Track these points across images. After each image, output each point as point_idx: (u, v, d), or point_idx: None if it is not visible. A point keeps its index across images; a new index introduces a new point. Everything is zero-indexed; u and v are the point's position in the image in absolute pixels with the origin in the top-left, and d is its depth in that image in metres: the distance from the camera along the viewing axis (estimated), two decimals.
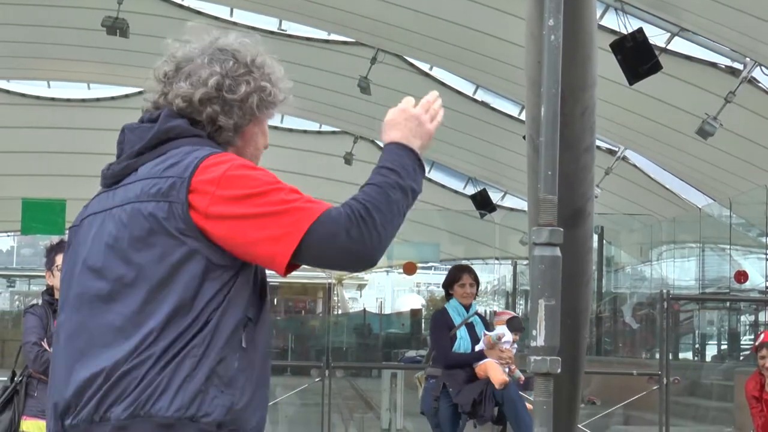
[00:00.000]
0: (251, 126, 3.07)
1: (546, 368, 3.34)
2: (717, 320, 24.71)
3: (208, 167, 2.83)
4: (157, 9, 19.05)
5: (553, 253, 3.36)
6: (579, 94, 4.05)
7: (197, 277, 2.80)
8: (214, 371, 2.77)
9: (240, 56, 3.06)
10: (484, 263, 29.81)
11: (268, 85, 3.06)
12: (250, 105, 3.03)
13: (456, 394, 9.22)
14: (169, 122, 2.99)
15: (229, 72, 3.03)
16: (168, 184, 2.84)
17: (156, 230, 2.82)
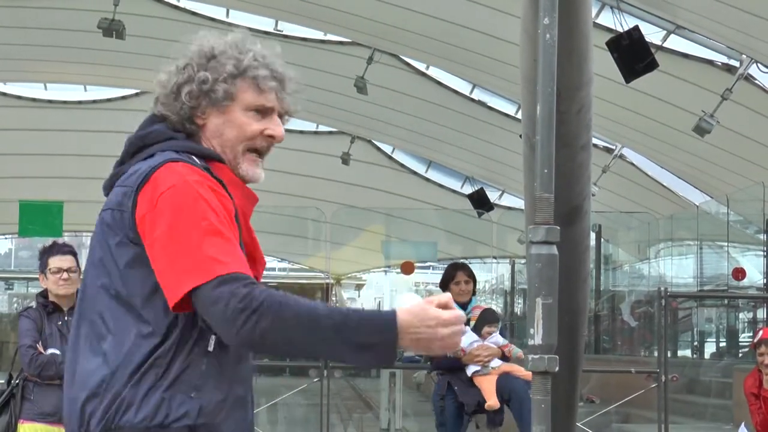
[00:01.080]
0: (211, 117, 3.02)
1: (544, 366, 3.34)
2: (715, 317, 24.73)
3: (155, 181, 2.82)
4: (153, 11, 19.05)
5: (550, 252, 3.36)
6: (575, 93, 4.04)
7: (149, 285, 2.80)
8: (179, 378, 2.78)
9: (194, 51, 3.08)
10: (482, 262, 29.80)
11: (203, 74, 3.00)
12: (183, 96, 3.01)
13: (462, 393, 9.23)
14: (147, 128, 3.04)
15: (177, 67, 3.07)
16: (122, 193, 2.88)
17: (110, 238, 2.85)
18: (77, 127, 25.45)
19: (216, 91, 3.00)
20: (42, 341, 6.85)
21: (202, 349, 2.82)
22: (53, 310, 6.94)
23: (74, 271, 6.95)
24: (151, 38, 19.58)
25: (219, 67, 3.02)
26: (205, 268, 2.69)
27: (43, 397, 6.84)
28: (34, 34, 20.03)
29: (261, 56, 3.13)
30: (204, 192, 2.80)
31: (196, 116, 3.01)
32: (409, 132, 23.57)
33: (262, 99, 3.08)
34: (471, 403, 9.19)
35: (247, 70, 3.05)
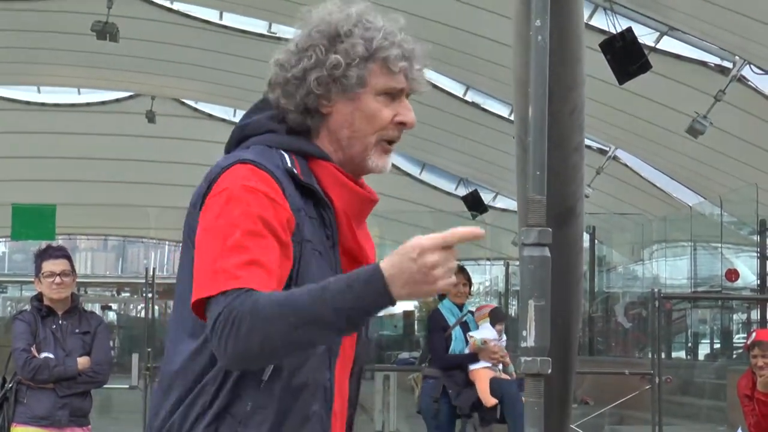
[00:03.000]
0: (338, 106, 2.71)
1: (536, 369, 3.33)
2: (709, 319, 24.75)
3: (219, 181, 2.59)
4: (146, 13, 19.04)
5: (542, 254, 3.35)
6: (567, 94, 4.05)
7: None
8: (227, 410, 2.56)
9: (320, 25, 2.74)
10: (476, 264, 29.81)
11: (335, 58, 2.68)
12: (309, 83, 2.68)
13: (456, 396, 9.23)
14: (249, 118, 2.78)
15: (297, 47, 2.73)
16: (197, 191, 2.65)
17: (185, 241, 2.66)
18: (71, 130, 25.44)
19: (349, 77, 2.68)
20: (36, 345, 6.83)
21: (254, 379, 2.58)
22: (47, 314, 6.93)
23: (68, 275, 6.93)
24: (144, 41, 19.59)
25: (350, 50, 2.68)
26: (215, 281, 2.46)
27: (37, 401, 6.82)
28: (27, 37, 20.03)
29: (390, 33, 2.76)
30: (252, 199, 2.54)
31: (323, 105, 2.71)
32: (403, 134, 23.52)
33: (393, 81, 2.75)
34: (465, 405, 9.20)
35: (378, 50, 2.71)
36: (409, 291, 2.41)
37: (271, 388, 2.59)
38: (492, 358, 9.24)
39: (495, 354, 9.26)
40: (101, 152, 25.68)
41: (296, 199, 2.63)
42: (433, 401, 9.26)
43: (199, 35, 19.55)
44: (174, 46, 19.75)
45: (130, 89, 24.53)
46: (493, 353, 9.25)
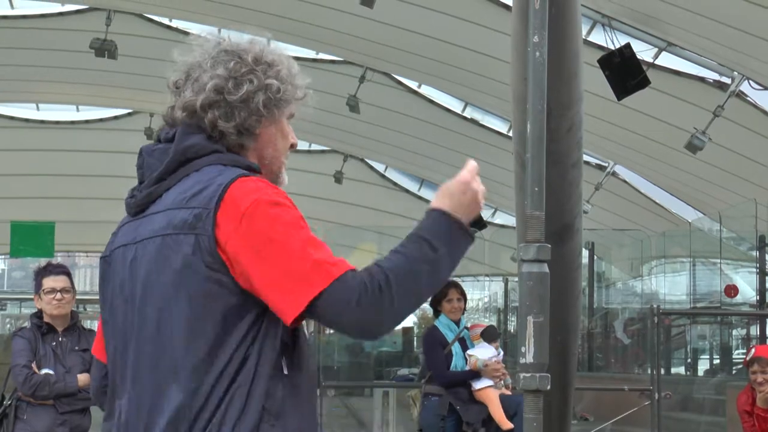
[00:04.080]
0: (266, 127, 2.94)
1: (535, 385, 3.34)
2: (708, 334, 24.72)
3: (233, 198, 2.68)
4: (144, 30, 19.08)
5: (541, 270, 3.36)
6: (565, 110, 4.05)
7: (228, 311, 2.68)
8: (264, 407, 2.67)
9: (245, 55, 2.96)
10: (475, 280, 29.79)
11: (275, 82, 2.93)
12: (255, 104, 2.89)
13: (465, 412, 9.20)
14: (186, 141, 2.86)
15: (232, 72, 2.90)
16: (193, 215, 2.70)
17: (183, 264, 2.69)
18: (69, 147, 25.45)
19: (285, 100, 2.97)
20: (36, 361, 6.84)
21: (278, 373, 2.72)
22: (48, 331, 6.94)
23: (68, 291, 6.94)
24: (142, 58, 19.61)
25: (284, 76, 2.99)
26: (322, 273, 2.62)
27: (36, 417, 6.83)
28: (26, 55, 20.05)
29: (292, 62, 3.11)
30: (284, 200, 2.74)
31: (258, 126, 2.93)
32: (402, 150, 23.61)
33: (296, 107, 3.06)
34: (476, 420, 9.17)
35: (295, 78, 3.05)
36: (469, 213, 2.96)
37: (293, 379, 2.75)
38: (495, 377, 9.23)
39: (497, 371, 9.25)
40: (100, 169, 25.69)
41: None
42: (440, 419, 9.23)
43: None
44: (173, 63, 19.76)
45: (129, 106, 24.57)
46: (495, 370, 9.24)
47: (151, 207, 2.84)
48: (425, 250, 2.75)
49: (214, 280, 2.67)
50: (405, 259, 2.71)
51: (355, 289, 2.62)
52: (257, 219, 2.66)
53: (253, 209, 2.66)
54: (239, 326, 2.68)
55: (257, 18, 17.70)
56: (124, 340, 2.83)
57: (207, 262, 2.67)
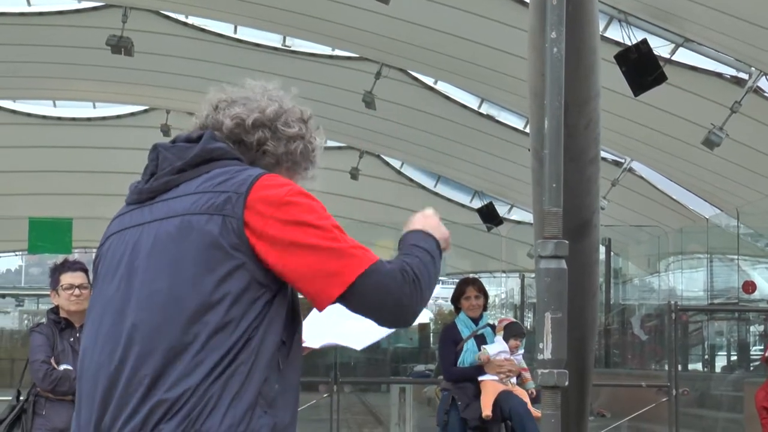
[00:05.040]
0: (287, 171, 3.13)
1: (553, 381, 3.33)
2: (726, 331, 24.66)
3: (266, 186, 2.85)
4: (161, 27, 19.11)
5: (559, 266, 3.36)
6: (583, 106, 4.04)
7: (242, 293, 2.78)
8: (260, 391, 2.77)
9: (300, 108, 3.20)
10: (491, 276, 29.77)
11: (317, 143, 3.22)
12: (295, 147, 3.13)
13: (464, 408, 9.22)
14: (212, 143, 3.00)
15: (287, 112, 3.13)
16: (222, 198, 2.83)
17: (207, 243, 2.80)
18: (86, 143, 25.52)
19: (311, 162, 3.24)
20: (54, 357, 6.87)
21: (275, 365, 2.83)
22: (65, 327, 6.97)
23: (86, 287, 6.97)
24: (159, 54, 19.66)
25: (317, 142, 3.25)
26: (359, 257, 2.83)
27: (55, 413, 6.85)
28: (43, 52, 20.10)
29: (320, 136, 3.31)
30: (312, 196, 2.94)
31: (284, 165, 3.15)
32: (418, 147, 23.60)
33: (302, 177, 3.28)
34: (473, 417, 9.19)
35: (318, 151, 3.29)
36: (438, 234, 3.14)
37: (286, 376, 2.86)
38: (498, 372, 9.22)
39: (501, 368, 9.23)
40: (117, 166, 25.70)
41: None
42: (444, 413, 9.28)
43: (213, 49, 19.60)
44: (189, 59, 19.81)
45: (145, 103, 24.61)
46: (499, 366, 9.22)
47: (165, 194, 2.95)
48: (422, 252, 3.02)
49: (236, 260, 2.79)
50: (417, 260, 2.98)
51: (397, 277, 2.86)
52: (295, 205, 2.84)
53: (290, 197, 2.85)
54: (250, 309, 2.79)
55: (273, 14, 17.72)
56: (121, 313, 2.87)
57: (233, 244, 2.80)
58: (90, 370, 2.95)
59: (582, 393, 4.98)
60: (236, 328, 2.77)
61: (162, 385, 2.75)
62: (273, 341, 2.81)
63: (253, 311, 2.79)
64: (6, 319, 42.02)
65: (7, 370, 26.02)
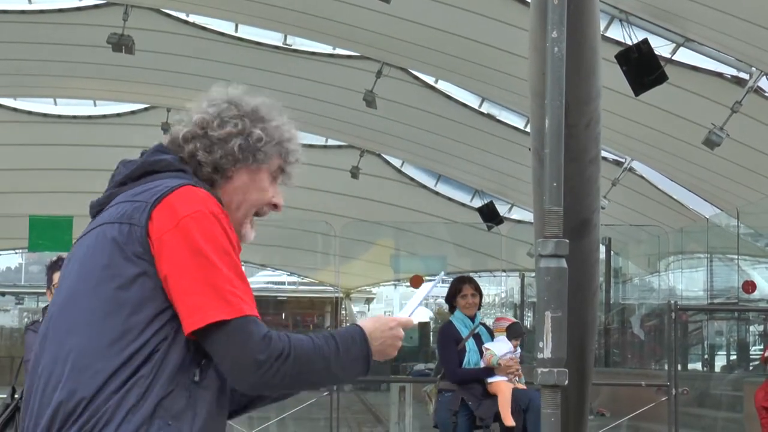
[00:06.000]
0: (241, 173, 3.06)
1: (553, 380, 3.34)
2: (726, 330, 24.68)
3: (175, 201, 2.83)
4: (162, 25, 19.10)
5: (559, 265, 3.36)
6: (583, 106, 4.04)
7: (144, 301, 2.77)
8: (161, 404, 2.74)
9: (240, 103, 3.11)
10: (491, 275, 29.78)
11: (259, 133, 3.06)
12: (231, 147, 3.03)
13: (477, 407, 9.20)
14: (156, 156, 3.03)
15: (221, 113, 3.06)
16: (133, 207, 2.86)
17: (112, 250, 2.82)
18: (87, 141, 25.50)
19: (264, 153, 3.09)
20: None
21: (187, 378, 2.80)
22: None
23: None
24: (160, 53, 19.65)
25: (270, 131, 3.09)
26: (233, 305, 2.74)
27: None
28: (43, 50, 20.10)
29: (292, 127, 3.21)
30: (225, 225, 2.85)
31: (231, 169, 3.06)
32: (419, 146, 23.59)
33: (285, 167, 3.19)
34: (488, 415, 9.18)
35: (286, 141, 3.16)
36: (379, 352, 3.02)
37: (202, 389, 2.83)
38: (509, 373, 9.23)
39: (511, 368, 9.25)
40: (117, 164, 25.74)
41: None
42: (452, 414, 9.23)
43: (214, 47, 19.60)
44: (190, 58, 19.80)
45: (146, 101, 24.59)
46: (509, 367, 9.24)
47: (106, 207, 3.00)
48: (330, 350, 2.88)
49: (139, 268, 2.79)
50: (311, 347, 2.84)
51: (259, 337, 2.75)
52: (194, 229, 2.79)
53: (193, 217, 2.80)
54: (154, 319, 2.77)
55: (274, 13, 17.72)
56: (50, 318, 2.96)
57: (136, 252, 2.80)
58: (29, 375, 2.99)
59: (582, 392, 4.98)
60: (136, 337, 2.76)
61: (63, 393, 2.77)
62: (181, 353, 2.79)
63: (158, 321, 2.77)
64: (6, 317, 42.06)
65: (6, 368, 26.07)
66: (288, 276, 40.34)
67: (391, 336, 3.05)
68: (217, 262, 2.76)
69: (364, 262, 29.68)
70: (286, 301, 42.35)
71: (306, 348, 2.82)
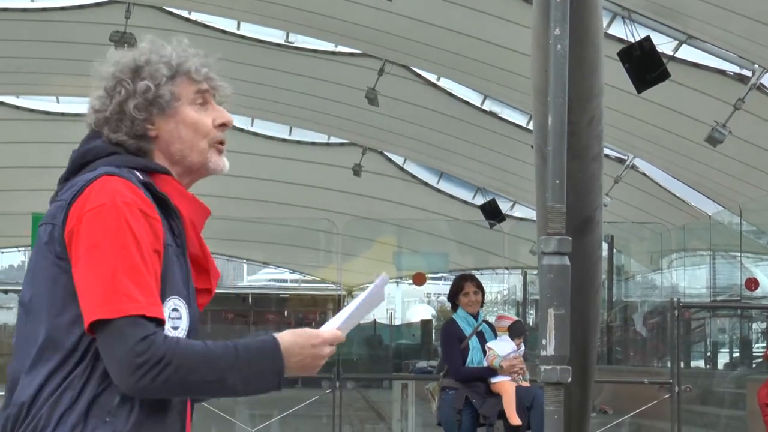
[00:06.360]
0: (161, 126, 2.95)
1: (556, 377, 3.33)
2: (728, 328, 24.67)
3: (88, 194, 2.76)
4: (164, 23, 19.10)
5: (562, 262, 3.36)
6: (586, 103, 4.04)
7: (69, 302, 2.72)
8: (96, 401, 2.70)
9: (117, 68, 2.97)
10: (493, 273, 29.78)
11: (142, 84, 2.92)
12: (129, 111, 2.90)
13: (481, 405, 9.20)
14: (87, 144, 2.96)
15: (106, 89, 2.96)
16: (57, 206, 2.82)
17: (44, 254, 2.79)
18: None
19: (162, 96, 2.94)
20: None
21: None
22: None
23: None
24: None
25: (154, 73, 2.94)
26: (115, 303, 2.65)
27: None
28: (46, 48, 20.11)
29: (183, 50, 3.05)
30: (132, 217, 2.73)
31: (148, 129, 2.94)
32: (421, 143, 23.58)
33: (201, 86, 3.02)
34: (492, 413, 9.18)
35: (179, 66, 2.99)
36: (298, 368, 2.83)
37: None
38: (512, 372, 9.23)
39: (515, 368, 9.24)
40: None
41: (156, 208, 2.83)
42: (456, 412, 9.23)
43: (216, 45, 19.52)
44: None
45: None
46: (512, 366, 9.23)
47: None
48: (226, 362, 2.73)
49: (61, 269, 2.75)
50: (202, 356, 2.71)
51: (138, 340, 2.64)
52: (93, 223, 2.72)
53: (94, 212, 2.73)
54: (80, 318, 2.71)
55: (276, 11, 17.72)
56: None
57: (57, 252, 2.75)
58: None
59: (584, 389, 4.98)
60: (65, 338, 2.73)
61: (13, 399, 2.77)
62: None
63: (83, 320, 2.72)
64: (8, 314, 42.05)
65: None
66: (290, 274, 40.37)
67: (312, 354, 2.84)
68: (109, 258, 2.68)
69: (367, 259, 29.66)
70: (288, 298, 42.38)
71: (194, 356, 2.68)
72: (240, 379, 2.75)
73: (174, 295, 2.82)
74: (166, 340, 2.67)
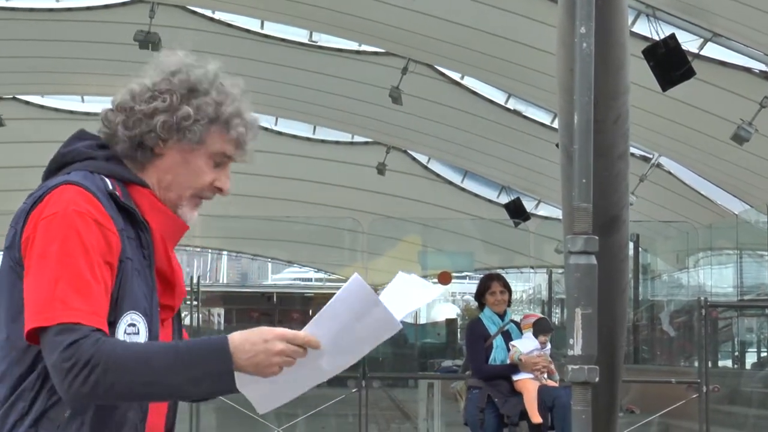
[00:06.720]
0: (172, 151, 2.89)
1: (584, 377, 3.31)
2: (756, 327, 24.54)
3: (47, 202, 2.72)
4: (188, 23, 19.15)
5: (589, 261, 3.33)
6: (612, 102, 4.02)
7: (23, 310, 2.67)
8: (45, 415, 2.67)
9: (178, 75, 2.93)
10: (519, 272, 29.72)
11: (187, 110, 2.86)
12: (155, 123, 2.85)
13: (503, 405, 9.19)
14: (69, 146, 2.95)
15: (155, 85, 2.92)
16: (20, 209, 2.78)
17: (5, 257, 2.76)
18: None
19: (193, 132, 2.88)
20: None
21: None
22: None
23: None
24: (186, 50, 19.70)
25: (202, 107, 2.89)
26: (50, 311, 2.59)
27: None
28: (70, 47, 20.20)
29: (239, 103, 2.96)
30: (83, 226, 2.68)
31: (158, 146, 2.88)
32: (445, 142, 23.57)
33: (227, 149, 2.95)
34: (514, 413, 9.16)
35: (224, 116, 2.92)
36: (251, 366, 2.64)
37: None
38: (534, 369, 9.20)
39: (536, 365, 9.21)
40: None
41: (118, 220, 2.76)
42: (479, 411, 9.22)
43: (240, 44, 19.63)
44: (215, 55, 19.57)
45: None
46: (534, 364, 9.20)
47: None
48: (164, 363, 2.62)
49: (17, 275, 2.71)
50: (135, 358, 2.61)
51: (66, 344, 2.56)
52: (43, 232, 2.68)
53: (47, 220, 2.69)
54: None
55: (299, 9, 17.74)
56: None
57: (15, 258, 2.72)
58: None
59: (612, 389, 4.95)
60: (15, 347, 2.70)
61: None
62: None
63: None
64: None
65: None
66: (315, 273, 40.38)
67: (264, 350, 2.64)
68: (53, 267, 2.62)
69: (392, 258, 29.63)
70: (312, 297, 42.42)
71: (127, 357, 2.58)
72: (186, 380, 2.62)
73: (132, 309, 2.74)
74: (96, 343, 2.58)
